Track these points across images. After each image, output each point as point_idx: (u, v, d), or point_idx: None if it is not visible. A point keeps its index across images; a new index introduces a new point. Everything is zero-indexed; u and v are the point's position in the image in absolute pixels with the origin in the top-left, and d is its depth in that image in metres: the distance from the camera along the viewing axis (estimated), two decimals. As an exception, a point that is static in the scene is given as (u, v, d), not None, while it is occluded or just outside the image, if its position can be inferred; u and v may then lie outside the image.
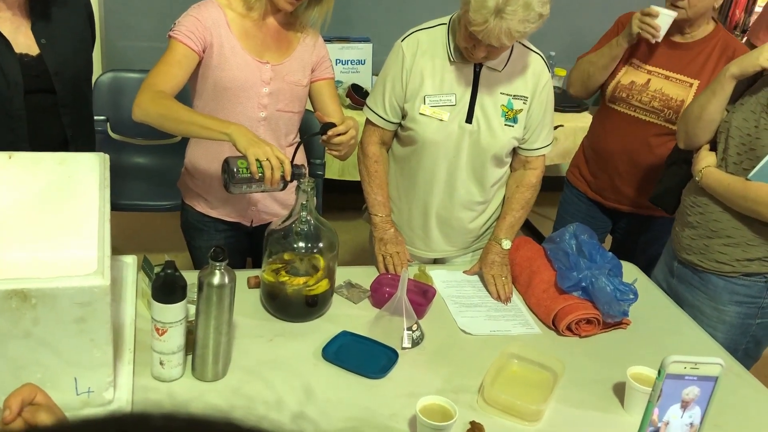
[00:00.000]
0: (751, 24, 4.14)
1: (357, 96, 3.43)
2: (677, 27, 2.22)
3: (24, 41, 1.80)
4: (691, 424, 1.22)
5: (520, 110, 1.85)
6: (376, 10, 3.76)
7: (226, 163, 1.58)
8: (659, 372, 1.16)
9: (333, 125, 1.64)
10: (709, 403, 1.21)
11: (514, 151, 1.94)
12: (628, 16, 2.34)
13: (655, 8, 2.16)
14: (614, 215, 2.49)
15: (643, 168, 2.32)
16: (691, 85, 2.22)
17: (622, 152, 2.34)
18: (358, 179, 2.01)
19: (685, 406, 1.20)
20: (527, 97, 1.85)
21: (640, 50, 2.29)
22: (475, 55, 1.74)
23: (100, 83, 3.09)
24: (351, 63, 3.57)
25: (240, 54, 1.75)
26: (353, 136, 1.67)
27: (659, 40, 2.19)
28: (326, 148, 1.72)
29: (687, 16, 2.16)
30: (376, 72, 3.61)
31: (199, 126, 1.60)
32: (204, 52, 1.73)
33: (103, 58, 3.40)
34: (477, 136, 1.84)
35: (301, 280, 1.61)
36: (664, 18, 2.15)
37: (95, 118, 2.17)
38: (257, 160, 1.51)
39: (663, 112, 2.24)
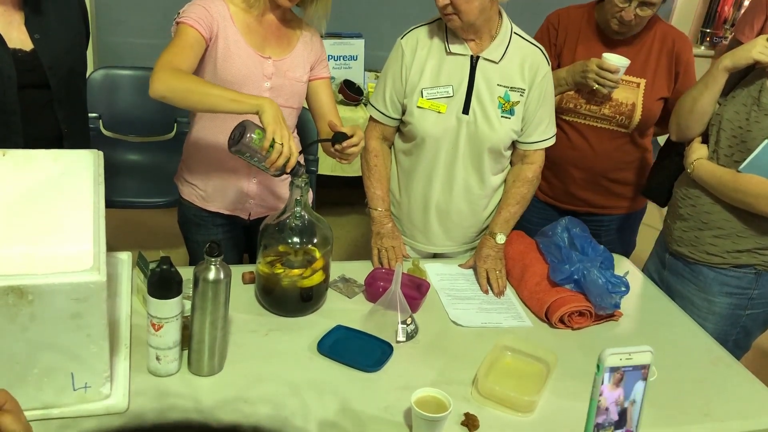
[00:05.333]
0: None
1: (349, 92, 3.44)
2: (619, 34, 2.14)
3: (17, 36, 1.79)
4: (634, 400, 1.24)
5: (517, 102, 1.86)
6: (368, 6, 3.77)
7: (243, 125, 1.55)
8: (597, 366, 1.17)
9: (346, 135, 1.65)
10: (645, 386, 1.22)
11: (514, 146, 1.95)
12: (556, 15, 2.25)
13: (612, 62, 2.04)
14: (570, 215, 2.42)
15: (599, 172, 2.26)
16: (638, 85, 2.15)
17: (577, 160, 2.24)
18: (351, 175, 2.02)
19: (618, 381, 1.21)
20: (524, 89, 1.86)
21: (578, 57, 2.17)
22: (440, 1, 1.73)
23: (92, 80, 3.08)
24: (343, 59, 3.57)
25: (243, 48, 1.76)
26: (363, 147, 1.70)
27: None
28: (332, 155, 1.74)
29: (632, 31, 2.12)
30: (368, 67, 3.62)
31: (229, 99, 1.57)
32: (210, 41, 1.72)
33: (95, 55, 3.39)
34: (474, 127, 1.85)
35: (297, 271, 1.62)
36: (622, 71, 2.06)
37: (88, 115, 2.17)
38: (273, 139, 1.52)
39: (615, 118, 2.17)
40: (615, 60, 2.05)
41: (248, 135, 1.53)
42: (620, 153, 2.24)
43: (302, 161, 1.79)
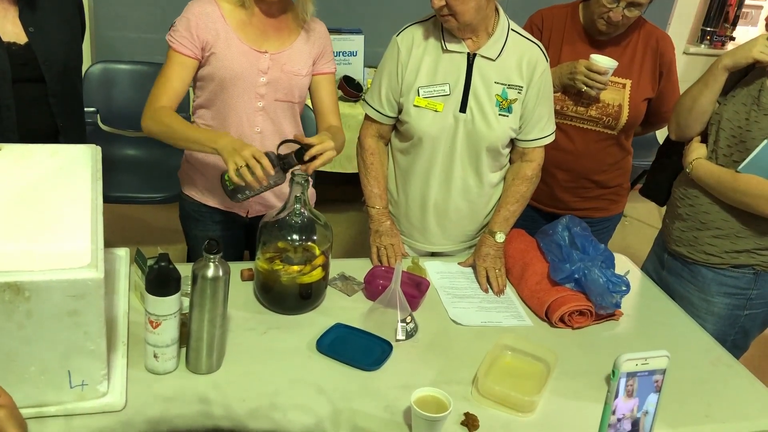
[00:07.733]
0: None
1: (349, 88, 3.43)
2: (601, 34, 2.13)
3: (12, 29, 1.78)
4: (646, 411, 1.24)
5: (515, 100, 1.85)
6: (367, 1, 3.75)
7: (221, 177, 1.67)
8: (613, 372, 1.17)
9: (305, 147, 1.61)
10: (660, 392, 1.23)
11: (513, 144, 1.94)
12: (539, 15, 2.23)
13: (600, 63, 2.03)
14: (552, 218, 2.41)
15: (582, 174, 2.25)
16: (624, 86, 2.14)
17: (561, 162, 2.22)
18: (350, 172, 2.01)
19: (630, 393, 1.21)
20: (522, 87, 1.85)
21: (564, 58, 2.17)
22: (435, 3, 1.73)
23: (90, 74, 3.06)
24: (343, 54, 3.56)
25: (236, 44, 1.75)
26: (330, 157, 1.64)
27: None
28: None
29: (617, 31, 2.11)
30: (367, 63, 3.61)
31: (193, 142, 1.68)
32: (203, 50, 1.75)
33: (93, 50, 3.37)
34: (471, 125, 1.84)
35: (296, 267, 1.61)
36: (611, 72, 2.05)
37: (85, 109, 2.16)
38: (238, 168, 1.55)
39: (601, 120, 2.16)
40: (603, 61, 2.04)
41: (224, 184, 1.67)
42: (604, 155, 2.23)
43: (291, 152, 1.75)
